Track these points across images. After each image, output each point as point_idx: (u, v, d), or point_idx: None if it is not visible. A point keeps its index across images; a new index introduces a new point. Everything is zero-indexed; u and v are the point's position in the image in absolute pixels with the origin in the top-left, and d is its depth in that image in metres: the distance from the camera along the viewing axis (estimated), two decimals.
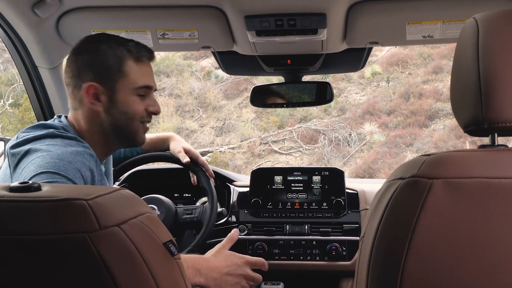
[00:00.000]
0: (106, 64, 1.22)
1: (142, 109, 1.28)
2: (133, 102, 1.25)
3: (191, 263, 1.18)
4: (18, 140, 1.17)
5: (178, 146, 1.69)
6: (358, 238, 1.80)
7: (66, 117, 1.29)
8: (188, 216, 1.73)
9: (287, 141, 9.98)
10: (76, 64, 1.24)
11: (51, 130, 1.18)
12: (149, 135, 1.70)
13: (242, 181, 2.08)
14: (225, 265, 1.24)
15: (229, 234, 1.39)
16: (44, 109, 1.81)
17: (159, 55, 11.19)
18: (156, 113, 1.31)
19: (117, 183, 1.93)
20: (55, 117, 1.29)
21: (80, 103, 1.24)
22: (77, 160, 1.13)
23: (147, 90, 1.29)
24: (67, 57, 1.30)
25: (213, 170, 2.05)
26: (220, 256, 1.27)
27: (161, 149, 1.77)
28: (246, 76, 10.44)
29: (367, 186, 1.98)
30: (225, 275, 1.22)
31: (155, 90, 1.33)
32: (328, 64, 1.81)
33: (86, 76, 1.22)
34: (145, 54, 1.27)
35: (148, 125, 1.33)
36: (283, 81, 1.86)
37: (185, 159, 1.64)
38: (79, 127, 1.26)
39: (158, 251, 0.73)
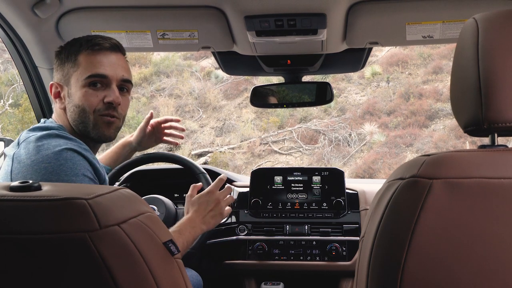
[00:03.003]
0: (64, 61, 1.22)
1: (97, 100, 1.20)
2: (85, 93, 1.19)
3: (175, 230, 1.27)
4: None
5: (139, 133, 1.67)
6: (358, 238, 1.80)
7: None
8: None
9: (287, 141, 9.98)
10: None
11: (52, 131, 1.17)
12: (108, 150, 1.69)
13: (242, 181, 2.08)
14: (197, 210, 1.35)
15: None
16: (44, 109, 1.81)
17: (159, 55, 11.20)
18: (113, 103, 1.21)
19: (117, 183, 1.93)
20: (43, 120, 1.25)
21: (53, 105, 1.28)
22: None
23: (101, 80, 1.21)
24: None
25: (212, 170, 2.06)
26: (193, 207, 1.36)
27: (126, 155, 1.71)
28: (246, 76, 10.45)
29: (367, 186, 1.99)
30: (204, 217, 1.34)
31: (125, 81, 1.26)
32: (328, 64, 1.81)
33: (55, 77, 1.25)
34: (99, 43, 1.22)
35: (108, 118, 1.23)
36: (283, 81, 1.86)
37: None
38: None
39: (158, 251, 0.73)
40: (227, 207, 1.43)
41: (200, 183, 1.49)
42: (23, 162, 1.08)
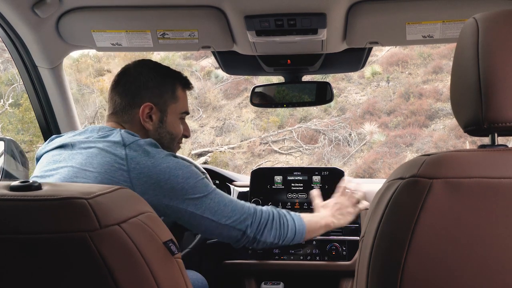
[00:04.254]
0: (163, 88, 1.35)
1: (181, 131, 1.42)
2: (178, 124, 1.40)
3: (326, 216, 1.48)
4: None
5: None
6: (358, 238, 1.80)
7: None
8: None
9: (287, 141, 9.99)
10: (132, 85, 1.33)
11: (151, 140, 1.27)
12: None
13: (242, 181, 2.08)
14: (333, 208, 1.52)
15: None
16: (44, 109, 1.81)
17: (159, 55, 11.20)
18: (188, 136, 1.46)
19: None
20: (121, 130, 1.28)
21: (130, 119, 1.33)
22: None
23: (185, 115, 1.44)
24: (115, 77, 1.37)
25: (212, 170, 2.06)
26: (329, 211, 1.52)
27: None
28: (246, 76, 10.45)
29: (367, 186, 1.98)
30: (336, 212, 1.51)
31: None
32: (328, 64, 1.81)
33: (145, 96, 1.33)
34: (190, 85, 1.44)
35: (180, 145, 1.46)
36: (283, 81, 1.86)
37: None
38: None
39: (158, 250, 0.73)
40: (358, 205, 1.56)
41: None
42: (142, 163, 1.17)
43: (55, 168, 1.22)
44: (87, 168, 1.18)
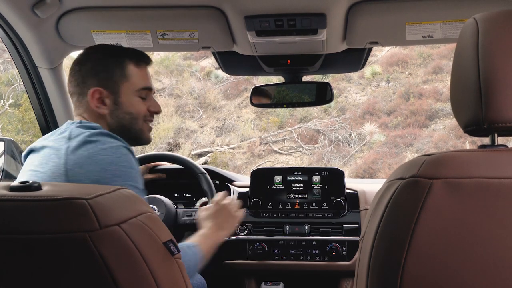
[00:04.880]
0: (109, 69, 1.29)
1: (145, 109, 1.35)
2: (136, 103, 1.33)
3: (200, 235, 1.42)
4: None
5: None
6: (358, 238, 1.80)
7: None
8: (187, 218, 1.74)
9: (287, 141, 9.98)
10: (80, 73, 1.30)
11: (102, 130, 1.23)
12: None
13: (242, 181, 2.08)
14: (212, 221, 1.48)
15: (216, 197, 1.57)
16: (44, 109, 1.80)
17: (159, 55, 11.20)
18: (157, 112, 1.39)
19: None
20: (75, 121, 1.27)
21: (85, 109, 1.29)
22: None
23: (147, 92, 1.36)
24: (70, 68, 1.34)
25: (212, 170, 2.06)
26: (207, 222, 1.48)
27: None
28: (246, 76, 10.44)
29: (367, 186, 1.99)
30: (219, 225, 1.47)
31: (154, 92, 1.42)
32: (328, 64, 1.81)
33: (91, 82, 1.28)
34: (144, 59, 1.36)
35: (151, 124, 1.40)
36: (283, 81, 1.86)
37: None
38: None
39: (158, 251, 0.73)
40: (239, 210, 1.55)
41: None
42: (79, 154, 1.14)
43: (24, 174, 1.23)
44: (38, 169, 1.18)
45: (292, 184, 1.95)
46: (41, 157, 1.20)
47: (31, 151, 1.27)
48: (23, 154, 1.32)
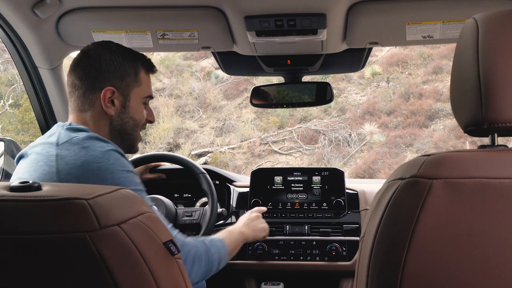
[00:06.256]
0: (124, 71, 1.29)
1: (145, 116, 1.36)
2: (140, 109, 1.34)
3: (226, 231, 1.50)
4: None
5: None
6: (358, 238, 1.80)
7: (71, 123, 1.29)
8: (187, 218, 1.74)
9: (287, 141, 9.99)
10: (93, 67, 1.26)
11: (92, 133, 1.21)
12: None
13: (242, 181, 2.08)
14: (244, 223, 1.61)
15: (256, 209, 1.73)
16: (44, 109, 1.80)
17: (159, 55, 11.20)
18: (152, 121, 1.41)
19: None
20: (65, 123, 1.25)
21: (91, 105, 1.27)
22: None
23: (149, 100, 1.38)
24: (75, 58, 1.31)
25: (212, 170, 2.06)
26: (245, 224, 1.61)
27: None
28: (246, 76, 10.45)
29: (367, 186, 1.98)
30: (247, 225, 1.60)
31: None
32: (328, 65, 1.81)
33: (106, 80, 1.26)
34: (153, 67, 1.38)
35: (141, 133, 1.40)
36: (283, 81, 1.86)
37: None
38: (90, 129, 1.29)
39: (158, 251, 0.73)
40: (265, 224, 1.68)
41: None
42: (71, 163, 1.11)
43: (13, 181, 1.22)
44: (25, 177, 1.16)
45: (292, 184, 1.95)
46: (29, 163, 1.18)
47: (21, 157, 1.25)
48: (14, 160, 1.30)
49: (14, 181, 1.18)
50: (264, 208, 1.75)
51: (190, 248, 1.24)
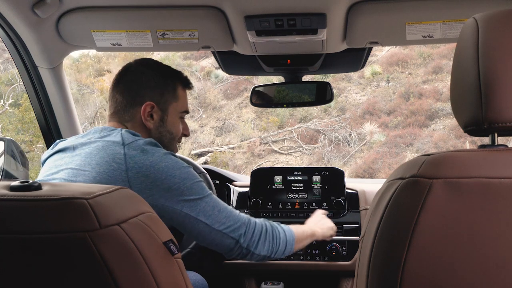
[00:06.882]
0: (163, 88, 1.36)
1: (181, 130, 1.43)
2: (178, 123, 1.41)
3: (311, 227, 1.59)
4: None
5: None
6: (358, 238, 1.80)
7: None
8: None
9: (287, 141, 9.99)
10: (134, 83, 1.34)
11: (150, 139, 1.27)
12: None
13: (242, 181, 2.08)
14: (311, 221, 1.66)
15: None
16: (44, 109, 1.80)
17: (159, 55, 11.20)
18: (187, 135, 1.47)
19: None
20: (122, 129, 1.28)
21: (131, 117, 1.34)
22: None
23: (185, 115, 1.45)
24: (117, 74, 1.38)
25: (212, 170, 2.06)
26: (313, 221, 1.67)
27: None
28: (246, 76, 10.45)
29: (367, 186, 1.99)
30: (317, 224, 1.65)
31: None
32: (328, 64, 1.81)
33: (146, 95, 1.34)
34: (190, 84, 1.45)
35: (178, 146, 1.46)
36: (283, 81, 1.86)
37: None
38: None
39: (158, 250, 0.73)
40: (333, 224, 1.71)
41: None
42: (141, 163, 1.18)
43: (56, 172, 1.23)
44: (85, 168, 1.18)
45: (292, 184, 1.95)
46: (87, 156, 1.20)
47: (59, 151, 1.27)
48: (46, 154, 1.32)
49: (63, 172, 1.19)
50: (325, 211, 1.77)
51: (258, 223, 1.33)
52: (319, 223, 1.64)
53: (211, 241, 1.26)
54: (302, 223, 1.86)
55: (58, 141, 1.35)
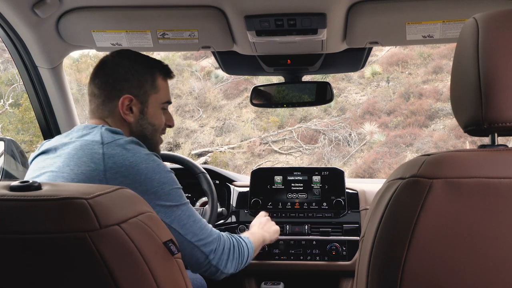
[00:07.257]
0: (141, 79, 1.32)
1: (164, 122, 1.39)
2: (159, 115, 1.36)
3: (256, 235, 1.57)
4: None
5: None
6: (358, 238, 1.80)
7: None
8: None
9: (287, 141, 9.99)
10: (111, 77, 1.30)
11: (132, 138, 1.24)
12: None
13: (242, 181, 2.08)
14: (259, 226, 1.66)
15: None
16: (44, 109, 1.80)
17: (159, 55, 11.20)
18: (172, 126, 1.43)
19: None
20: (102, 127, 1.26)
21: (110, 112, 1.30)
22: None
23: (167, 105, 1.40)
24: (94, 68, 1.33)
25: (212, 170, 2.06)
26: (260, 225, 1.67)
27: None
28: (246, 76, 10.45)
29: (367, 186, 1.99)
30: (262, 228, 1.64)
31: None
32: (328, 64, 1.81)
33: (123, 88, 1.29)
34: (170, 73, 1.40)
35: (162, 137, 1.43)
36: (283, 81, 1.86)
37: None
38: None
39: (158, 250, 0.73)
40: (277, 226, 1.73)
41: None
42: (120, 163, 1.15)
43: (38, 175, 1.21)
44: (64, 170, 1.16)
45: (292, 184, 1.95)
46: (66, 158, 1.18)
47: (43, 153, 1.26)
48: (32, 156, 1.30)
49: (45, 175, 1.18)
50: (266, 212, 1.79)
51: (226, 240, 1.32)
52: (265, 227, 1.65)
53: (181, 252, 1.25)
54: (302, 223, 1.87)
55: (44, 141, 1.32)
